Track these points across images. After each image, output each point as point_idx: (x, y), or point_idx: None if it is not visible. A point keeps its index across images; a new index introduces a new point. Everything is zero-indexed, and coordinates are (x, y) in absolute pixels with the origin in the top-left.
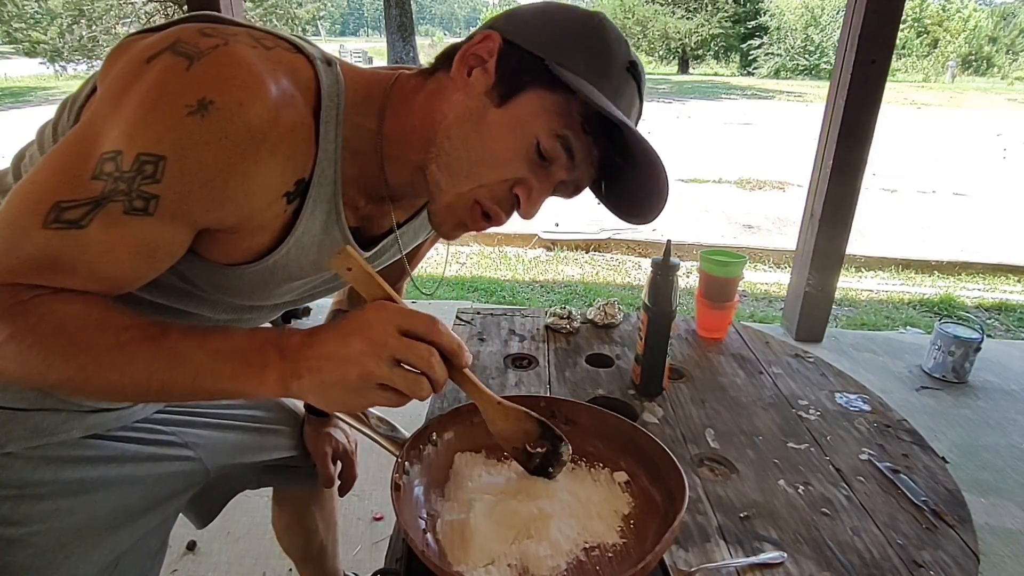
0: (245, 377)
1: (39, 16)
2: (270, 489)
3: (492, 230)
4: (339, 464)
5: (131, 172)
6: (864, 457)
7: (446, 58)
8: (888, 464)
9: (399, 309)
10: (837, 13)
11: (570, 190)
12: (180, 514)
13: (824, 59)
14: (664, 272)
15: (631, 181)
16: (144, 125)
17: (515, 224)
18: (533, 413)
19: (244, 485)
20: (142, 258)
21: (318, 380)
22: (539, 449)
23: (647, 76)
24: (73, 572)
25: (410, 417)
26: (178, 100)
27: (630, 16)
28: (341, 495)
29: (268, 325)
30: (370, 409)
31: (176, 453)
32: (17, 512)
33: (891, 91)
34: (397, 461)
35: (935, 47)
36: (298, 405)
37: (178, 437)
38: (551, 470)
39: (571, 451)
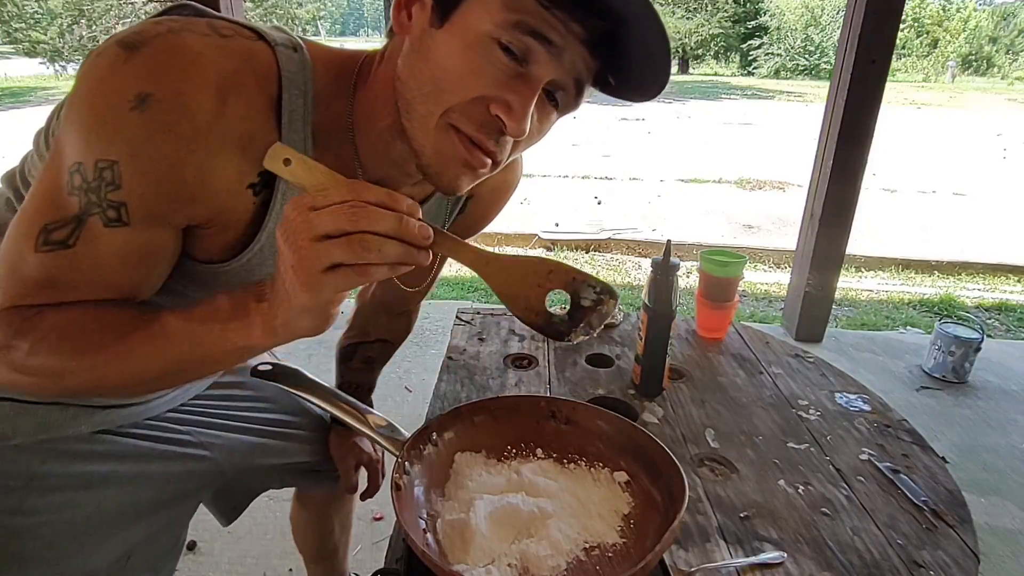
0: (234, 331)
1: (39, 16)
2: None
3: (492, 229)
4: (363, 471)
5: (95, 182)
6: (864, 457)
7: None
8: (888, 464)
9: (314, 193)
10: (837, 13)
11: (571, 92)
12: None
13: (824, 59)
14: (664, 272)
15: (632, 47)
16: (93, 130)
17: (515, 224)
18: (549, 259)
19: (268, 485)
20: (136, 266)
21: (283, 300)
22: (559, 311)
23: None
24: (83, 565)
25: (410, 417)
26: (119, 97)
27: None
28: (363, 499)
29: None
30: (368, 409)
31: (191, 452)
32: (26, 503)
33: (891, 91)
34: (397, 461)
35: (935, 47)
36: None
37: (193, 436)
38: (583, 327)
39: (616, 301)
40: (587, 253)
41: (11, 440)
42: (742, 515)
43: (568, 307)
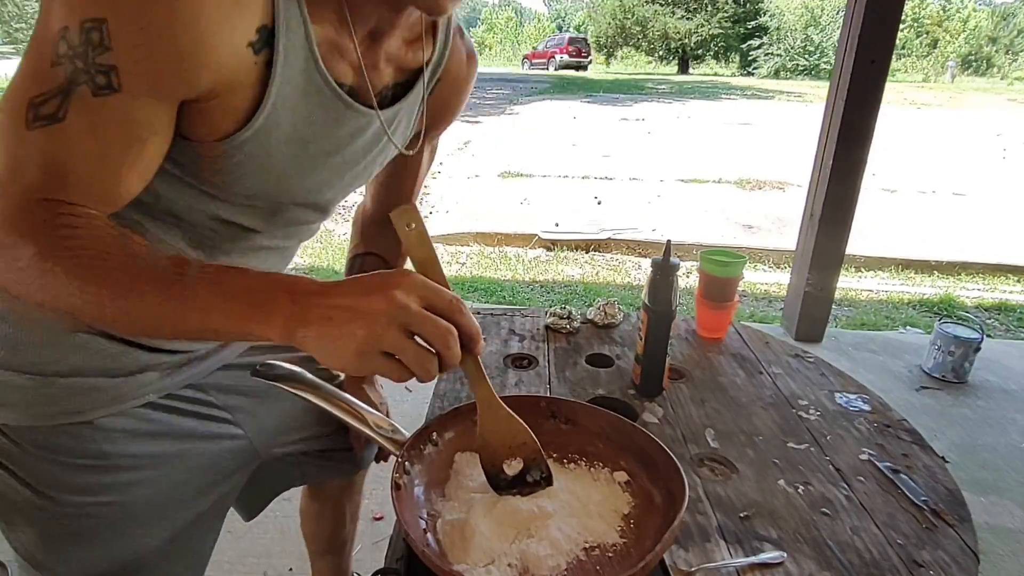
0: (253, 319)
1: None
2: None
3: (492, 229)
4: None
5: (81, 45)
6: (864, 457)
7: None
8: (888, 464)
9: (426, 280)
10: (837, 13)
11: None
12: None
13: (824, 59)
14: (664, 272)
15: None
16: None
17: (515, 224)
18: (530, 433)
19: (289, 481)
20: (132, 141)
21: (324, 331)
22: (510, 472)
23: (647, 76)
24: (135, 544)
25: (410, 417)
26: None
27: (630, 16)
28: (377, 461)
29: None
30: (368, 409)
31: (228, 431)
32: (94, 481)
33: (891, 91)
34: (397, 461)
35: (935, 47)
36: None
37: (230, 413)
38: (513, 491)
39: (547, 485)
40: (587, 253)
41: (85, 416)
42: (742, 515)
43: (518, 471)
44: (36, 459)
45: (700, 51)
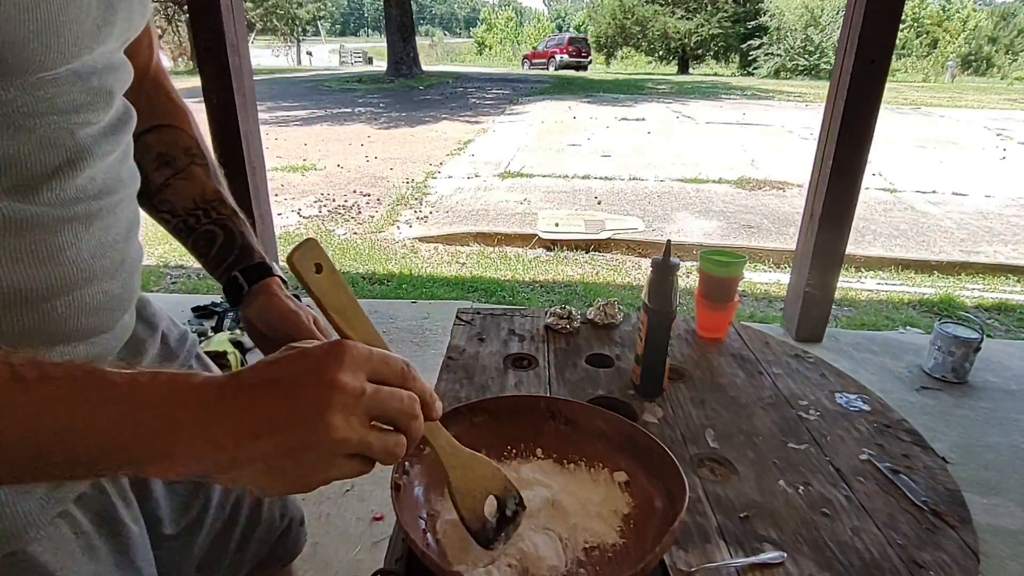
0: (146, 442)
1: None
2: None
3: (492, 229)
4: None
5: None
6: (864, 457)
7: None
8: (888, 464)
9: (368, 349)
10: (837, 13)
11: None
12: None
13: (824, 59)
14: (664, 272)
15: None
16: None
17: (515, 224)
18: (493, 463)
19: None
20: None
21: (243, 445)
22: (489, 516)
23: (647, 76)
24: None
25: None
26: None
27: (630, 16)
28: None
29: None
30: None
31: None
32: None
33: (891, 91)
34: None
35: (935, 47)
36: None
37: (165, 514)
38: (501, 535)
39: (523, 509)
40: (587, 253)
41: (8, 545)
42: (742, 515)
43: (497, 516)
44: None
45: (700, 51)
